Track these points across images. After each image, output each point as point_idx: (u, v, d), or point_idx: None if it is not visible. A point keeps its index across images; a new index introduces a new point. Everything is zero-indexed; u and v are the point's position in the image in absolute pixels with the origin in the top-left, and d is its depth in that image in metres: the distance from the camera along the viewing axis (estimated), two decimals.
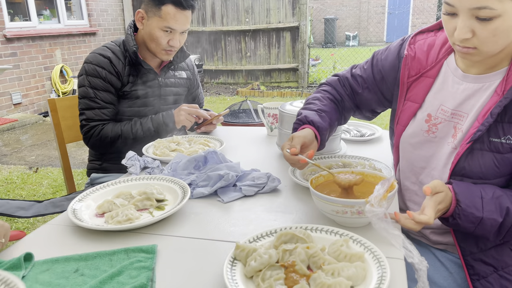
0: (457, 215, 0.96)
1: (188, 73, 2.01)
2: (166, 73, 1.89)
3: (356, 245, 0.88)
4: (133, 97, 1.80)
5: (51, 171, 3.92)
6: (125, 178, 1.28)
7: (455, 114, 1.11)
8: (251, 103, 4.09)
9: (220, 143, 1.66)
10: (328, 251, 0.86)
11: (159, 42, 1.71)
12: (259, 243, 0.91)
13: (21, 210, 1.55)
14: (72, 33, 6.96)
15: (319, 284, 0.75)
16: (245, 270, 0.82)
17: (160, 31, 1.70)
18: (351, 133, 1.82)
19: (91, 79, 1.73)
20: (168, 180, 1.26)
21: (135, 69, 1.78)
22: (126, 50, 1.78)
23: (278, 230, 0.93)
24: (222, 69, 8.35)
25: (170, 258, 0.92)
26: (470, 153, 1.04)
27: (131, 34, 1.77)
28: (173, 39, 1.72)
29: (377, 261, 0.81)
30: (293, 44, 7.87)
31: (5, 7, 5.88)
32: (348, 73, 1.38)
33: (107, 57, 1.74)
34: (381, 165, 1.34)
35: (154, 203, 1.16)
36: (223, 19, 8.06)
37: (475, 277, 1.07)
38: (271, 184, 1.27)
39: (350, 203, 0.94)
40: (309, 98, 1.36)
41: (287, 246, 0.85)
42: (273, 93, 7.36)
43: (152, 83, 1.83)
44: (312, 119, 1.22)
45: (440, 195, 0.95)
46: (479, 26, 0.93)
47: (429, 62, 1.17)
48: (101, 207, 1.12)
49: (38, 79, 6.43)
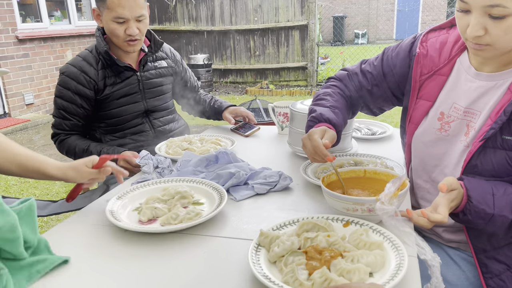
0: (467, 211, 0.96)
1: (169, 61, 1.98)
2: (145, 66, 1.87)
3: (376, 235, 0.92)
4: (115, 98, 1.79)
5: None
6: (141, 184, 1.28)
7: (468, 112, 1.10)
8: (260, 102, 4.10)
9: (232, 142, 1.68)
10: (349, 239, 0.91)
11: (117, 34, 1.68)
12: (281, 231, 0.95)
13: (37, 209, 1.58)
14: (83, 33, 7.02)
15: (339, 269, 0.79)
16: (269, 256, 0.86)
17: (113, 22, 1.66)
18: (362, 131, 1.82)
19: (60, 89, 1.75)
20: (185, 180, 1.28)
21: (111, 70, 1.77)
22: (99, 53, 1.76)
23: (300, 219, 0.98)
24: (231, 68, 8.37)
25: (187, 255, 0.94)
26: (483, 151, 1.04)
27: (99, 35, 1.76)
28: (129, 28, 1.67)
29: (396, 249, 0.85)
30: (302, 43, 7.85)
31: (16, 8, 5.96)
32: (357, 68, 1.37)
33: (78, 66, 1.74)
34: (393, 163, 1.34)
35: (191, 200, 1.18)
36: (232, 18, 8.07)
37: (488, 275, 1.07)
38: (283, 182, 1.28)
39: (361, 200, 0.96)
40: (320, 93, 1.35)
41: (308, 234, 0.89)
42: (282, 92, 7.36)
43: (131, 80, 1.81)
44: (328, 116, 1.21)
45: (454, 192, 0.95)
46: (491, 23, 0.93)
47: (441, 60, 1.16)
48: (144, 215, 1.10)
49: (49, 80, 6.51)
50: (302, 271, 0.80)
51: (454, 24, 1.21)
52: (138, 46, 1.76)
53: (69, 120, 1.78)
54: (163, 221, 1.07)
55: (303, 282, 0.77)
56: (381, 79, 1.30)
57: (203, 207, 1.16)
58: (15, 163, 1.19)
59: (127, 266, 0.91)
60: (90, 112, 1.80)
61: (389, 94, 1.31)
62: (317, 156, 1.11)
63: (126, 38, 1.70)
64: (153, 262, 0.92)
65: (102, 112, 1.81)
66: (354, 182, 1.14)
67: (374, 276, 0.81)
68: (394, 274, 0.77)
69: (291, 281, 0.78)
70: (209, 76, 7.63)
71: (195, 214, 1.08)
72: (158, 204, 1.15)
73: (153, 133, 1.90)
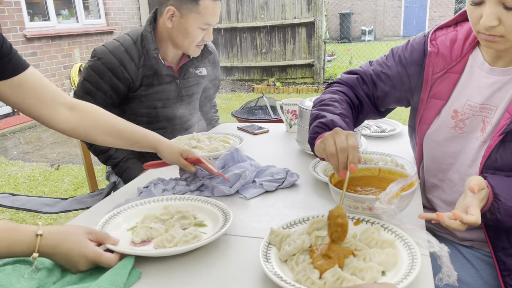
0: (496, 210, 0.94)
1: (209, 69, 1.92)
2: (186, 73, 1.79)
3: (387, 233, 0.91)
4: (148, 100, 1.72)
5: (72, 168, 3.99)
6: (141, 201, 1.14)
7: (483, 108, 1.09)
8: (267, 100, 4.09)
9: (240, 140, 1.67)
10: (360, 238, 0.90)
11: (195, 40, 1.61)
12: (292, 229, 0.94)
13: (47, 206, 1.60)
14: (90, 32, 7.06)
15: (351, 268, 0.79)
16: (280, 254, 0.86)
17: (198, 28, 1.59)
18: (371, 128, 1.81)
19: (91, 74, 1.63)
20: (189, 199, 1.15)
21: (151, 68, 1.67)
22: (143, 47, 1.65)
23: (311, 217, 0.97)
24: (237, 66, 8.36)
25: (199, 253, 0.94)
26: (502, 145, 1.02)
27: (151, 32, 1.64)
28: (208, 34, 1.63)
29: (408, 248, 0.84)
30: (308, 40, 7.83)
31: (24, 7, 5.99)
32: (369, 69, 1.29)
33: (118, 58, 1.61)
34: (403, 161, 1.33)
35: (192, 221, 1.05)
36: (238, 16, 8.06)
37: (506, 273, 1.06)
38: (290, 178, 1.27)
39: (361, 198, 0.96)
40: (325, 98, 1.22)
41: (319, 233, 0.89)
42: (289, 89, 7.34)
43: (169, 86, 1.74)
44: (341, 125, 1.08)
45: (482, 192, 0.93)
46: (505, 14, 0.93)
47: (453, 57, 1.15)
48: (138, 235, 0.98)
49: (57, 78, 6.55)
50: (313, 270, 0.79)
51: (459, 21, 1.19)
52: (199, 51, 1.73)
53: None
54: (157, 243, 0.95)
55: (315, 281, 0.76)
56: (399, 79, 1.24)
57: (205, 229, 1.02)
58: (132, 141, 1.28)
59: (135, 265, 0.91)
60: (117, 102, 1.72)
61: (403, 95, 1.27)
62: (343, 157, 0.93)
63: (200, 43, 1.66)
64: (158, 259, 0.92)
65: (127, 106, 1.75)
66: (369, 180, 1.12)
67: (387, 275, 0.80)
68: (407, 273, 0.76)
69: (303, 280, 0.77)
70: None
71: (193, 237, 0.95)
72: (155, 224, 1.02)
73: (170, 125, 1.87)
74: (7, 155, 4.59)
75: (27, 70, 1.13)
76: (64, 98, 1.21)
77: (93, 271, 0.86)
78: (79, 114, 1.22)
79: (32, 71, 1.15)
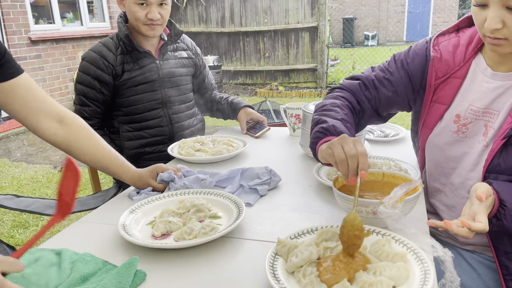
0: (502, 216, 0.94)
1: (189, 53, 1.99)
2: (165, 55, 1.88)
3: (399, 245, 0.87)
4: (133, 85, 1.81)
5: None
6: (156, 197, 1.20)
7: (486, 113, 1.10)
8: (270, 104, 4.09)
9: (243, 143, 1.68)
10: (370, 250, 0.87)
11: (137, 17, 1.71)
12: (299, 240, 0.91)
13: (50, 208, 1.60)
14: (94, 35, 7.09)
15: (361, 282, 0.76)
16: (287, 266, 0.83)
17: (135, 5, 1.70)
18: (375, 133, 1.81)
19: (80, 74, 1.78)
20: (202, 192, 1.22)
21: (130, 56, 1.79)
22: (119, 39, 1.79)
23: (319, 228, 0.94)
24: (240, 70, 8.38)
25: (201, 257, 0.94)
26: (505, 149, 1.03)
27: (121, 21, 1.79)
28: (150, 12, 1.70)
29: (420, 262, 0.81)
30: (311, 44, 7.84)
31: (29, 10, 6.03)
32: (371, 75, 1.28)
33: (97, 52, 1.77)
34: (407, 166, 1.33)
35: (207, 213, 1.11)
36: (242, 20, 8.09)
37: (508, 277, 1.06)
38: (274, 178, 1.29)
39: (365, 202, 0.95)
40: (327, 103, 1.21)
41: (328, 244, 0.86)
42: (292, 93, 7.35)
43: (150, 67, 1.83)
44: (342, 130, 1.06)
45: (489, 199, 0.92)
46: (509, 16, 0.93)
47: (456, 62, 1.15)
48: (158, 229, 1.03)
49: (61, 81, 6.58)
50: (321, 283, 0.77)
51: (460, 27, 1.20)
52: (159, 31, 1.79)
53: (88, 107, 1.79)
54: (177, 236, 1.01)
55: None
56: (401, 85, 1.23)
57: (220, 221, 1.09)
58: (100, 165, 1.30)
59: (140, 266, 0.91)
60: (109, 97, 1.81)
61: (405, 100, 1.26)
62: (353, 164, 0.91)
63: (146, 22, 1.72)
64: (161, 262, 0.92)
65: (120, 99, 1.83)
66: (372, 185, 1.12)
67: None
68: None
69: None
70: (219, 78, 7.65)
71: (211, 229, 1.00)
72: (173, 217, 1.08)
73: (170, 129, 1.90)
74: (11, 157, 4.60)
75: (19, 77, 1.13)
76: (54, 110, 1.21)
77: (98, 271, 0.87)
78: (66, 128, 1.23)
79: (24, 78, 1.15)
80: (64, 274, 0.85)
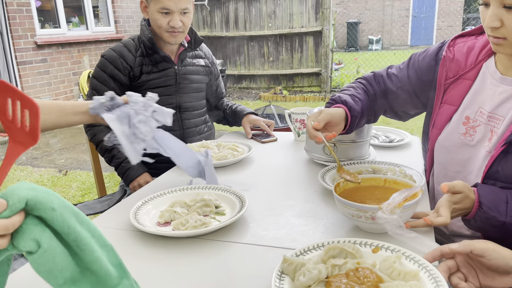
0: (478, 217, 0.96)
1: (206, 61, 2.02)
2: (184, 61, 1.91)
3: (410, 262, 0.82)
4: (150, 87, 1.82)
5: (79, 174, 4.02)
6: (176, 188, 1.28)
7: (492, 117, 1.10)
8: (274, 108, 4.10)
9: (249, 148, 1.68)
10: (380, 267, 0.82)
11: (160, 24, 1.74)
12: (306, 256, 0.87)
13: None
14: (100, 39, 7.14)
15: None
16: (294, 285, 0.79)
17: (158, 13, 1.73)
18: (380, 138, 1.81)
19: (97, 70, 1.82)
20: (221, 189, 1.26)
21: (149, 59, 1.82)
22: (140, 42, 1.83)
23: (325, 243, 0.90)
24: (244, 74, 8.40)
25: (206, 261, 0.94)
26: (505, 156, 1.02)
27: (145, 24, 1.82)
28: (172, 20, 1.73)
29: (434, 281, 0.75)
30: (316, 49, 7.85)
31: (35, 14, 6.09)
32: (384, 71, 1.40)
33: (117, 51, 1.81)
34: (412, 171, 1.33)
35: (213, 209, 1.17)
36: (246, 25, 8.11)
37: None
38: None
39: (364, 208, 0.95)
40: (344, 87, 1.40)
41: (336, 261, 0.82)
42: (296, 97, 7.36)
43: (168, 71, 1.85)
44: (346, 99, 1.24)
45: (458, 196, 0.96)
46: (507, 15, 0.95)
47: (468, 64, 1.17)
48: (162, 217, 1.12)
49: (66, 84, 6.62)
50: None
51: (483, 31, 1.21)
52: (180, 38, 1.81)
53: None
54: (174, 225, 1.08)
55: None
56: (406, 81, 1.31)
57: (222, 218, 1.14)
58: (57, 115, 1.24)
59: (143, 270, 0.91)
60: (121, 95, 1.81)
61: (414, 98, 1.32)
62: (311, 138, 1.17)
63: (168, 29, 1.76)
64: (168, 267, 0.93)
65: None
66: (374, 190, 1.12)
67: None
68: None
69: None
70: (223, 82, 7.68)
71: (201, 224, 1.06)
72: (180, 208, 1.15)
73: (181, 134, 1.91)
74: (16, 161, 4.62)
75: None
76: None
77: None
78: None
79: None
80: None
